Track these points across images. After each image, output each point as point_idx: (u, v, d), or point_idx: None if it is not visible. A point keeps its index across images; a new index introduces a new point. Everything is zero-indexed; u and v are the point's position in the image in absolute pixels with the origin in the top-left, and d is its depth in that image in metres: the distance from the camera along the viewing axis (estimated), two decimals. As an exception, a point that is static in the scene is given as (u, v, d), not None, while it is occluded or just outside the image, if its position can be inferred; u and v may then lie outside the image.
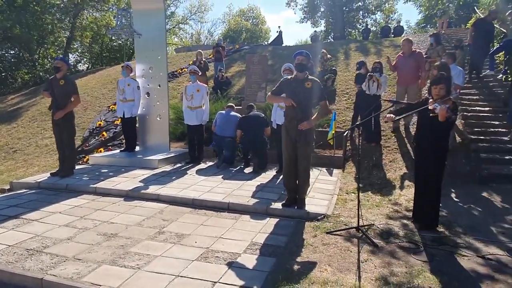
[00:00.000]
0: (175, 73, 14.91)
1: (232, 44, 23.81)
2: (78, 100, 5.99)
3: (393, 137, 7.61)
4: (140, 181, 5.73)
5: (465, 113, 7.69)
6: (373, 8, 27.51)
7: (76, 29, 25.28)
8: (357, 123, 7.65)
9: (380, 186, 5.89)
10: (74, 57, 29.82)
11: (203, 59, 11.37)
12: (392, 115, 4.17)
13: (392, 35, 19.04)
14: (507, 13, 8.65)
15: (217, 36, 44.89)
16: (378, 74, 7.27)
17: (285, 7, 42.83)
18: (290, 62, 5.88)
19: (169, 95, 8.11)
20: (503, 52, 8.74)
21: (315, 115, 4.49)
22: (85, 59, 29.84)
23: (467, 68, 9.44)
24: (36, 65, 24.77)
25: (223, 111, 7.28)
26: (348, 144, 7.78)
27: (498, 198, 5.20)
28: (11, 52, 23.65)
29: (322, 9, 28.02)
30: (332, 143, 7.49)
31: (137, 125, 7.93)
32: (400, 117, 4.61)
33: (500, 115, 7.37)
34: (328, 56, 11.37)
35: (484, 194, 5.35)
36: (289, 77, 4.64)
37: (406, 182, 5.85)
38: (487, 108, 7.78)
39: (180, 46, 26.32)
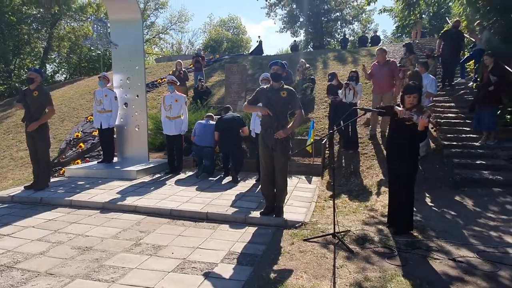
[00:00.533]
0: (155, 83, 14.85)
1: (213, 53, 23.93)
2: (52, 111, 5.89)
3: (370, 144, 7.77)
4: (117, 193, 5.65)
5: (438, 120, 7.94)
6: (351, 18, 28.22)
7: (53, 39, 24.88)
8: (333, 129, 7.82)
9: (358, 193, 5.99)
10: (51, 68, 29.32)
11: (183, 69, 11.37)
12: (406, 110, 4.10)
13: (370, 45, 19.54)
14: (475, 23, 9.02)
15: (197, 46, 45.03)
16: (354, 83, 7.45)
17: (266, 17, 43.28)
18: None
19: (147, 105, 8.05)
20: (473, 60, 9.10)
21: (291, 123, 4.56)
22: (63, 69, 29.32)
23: (439, 76, 9.77)
24: (11, 76, 24.22)
25: (202, 121, 7.28)
26: (326, 151, 7.89)
27: (470, 201, 5.36)
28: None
29: (301, 19, 28.52)
30: (310, 151, 7.59)
31: (114, 136, 7.84)
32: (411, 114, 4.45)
33: (471, 121, 7.62)
34: (307, 65, 11.55)
35: (457, 198, 5.51)
36: (265, 86, 4.71)
37: (383, 188, 5.97)
38: (459, 115, 8.05)
39: (160, 56, 26.19)
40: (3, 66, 23.52)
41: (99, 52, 30.06)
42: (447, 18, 13.35)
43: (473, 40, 9.15)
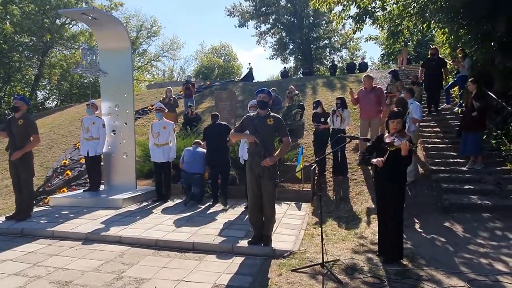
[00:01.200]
0: (146, 109, 14.87)
1: (204, 80, 24.18)
2: (37, 140, 5.81)
3: (359, 169, 7.77)
4: (101, 223, 5.51)
5: (425, 145, 8.01)
6: (339, 45, 28.98)
7: (44, 66, 24.98)
8: (320, 156, 7.84)
9: (347, 220, 5.92)
10: (42, 95, 29.30)
11: (172, 96, 11.41)
12: (380, 159, 4.12)
13: (358, 71, 19.95)
14: (458, 50, 9.29)
15: (188, 73, 45.56)
16: (341, 109, 7.53)
17: (256, 44, 44.20)
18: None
19: (136, 132, 8.00)
20: (457, 86, 9.31)
21: (278, 151, 4.54)
22: (53, 96, 29.32)
23: (424, 102, 9.96)
24: (1, 103, 24.10)
25: (190, 148, 7.25)
26: (316, 178, 7.86)
27: (460, 227, 5.33)
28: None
29: (291, 47, 29.18)
30: (300, 177, 7.55)
31: (102, 163, 7.74)
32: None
33: (458, 146, 7.70)
34: (296, 91, 11.70)
35: (447, 224, 5.48)
36: (251, 114, 4.72)
37: (372, 215, 5.91)
38: (446, 140, 8.14)
39: (152, 83, 26.39)
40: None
41: (91, 79, 30.25)
42: (430, 46, 13.76)
43: (457, 66, 9.40)
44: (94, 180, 7.53)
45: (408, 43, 17.17)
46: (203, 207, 6.69)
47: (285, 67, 24.92)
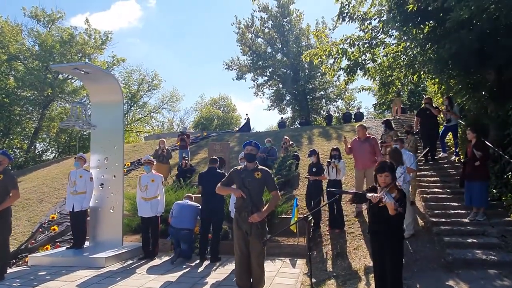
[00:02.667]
0: (141, 161, 14.75)
1: (202, 131, 24.34)
2: (17, 195, 5.59)
3: (357, 221, 7.44)
4: (78, 286, 5.10)
5: (424, 195, 7.74)
6: (335, 96, 29.62)
7: (44, 119, 25.30)
8: (316, 208, 7.54)
9: (345, 278, 5.51)
10: (41, 146, 29.39)
11: (166, 147, 11.34)
12: (376, 194, 3.89)
13: (354, 121, 20.15)
14: (443, 98, 9.36)
15: (184, 124, 46.18)
16: (336, 161, 7.38)
17: (254, 96, 45.27)
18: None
19: (129, 184, 7.77)
20: (451, 135, 9.26)
21: (266, 206, 4.31)
22: (52, 148, 29.38)
23: (420, 151, 9.85)
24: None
25: (180, 201, 6.99)
26: (311, 231, 7.50)
27: (466, 287, 4.92)
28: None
29: (287, 98, 29.79)
30: (295, 231, 7.22)
31: (88, 218, 7.43)
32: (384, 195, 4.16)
33: (458, 196, 7.45)
34: (291, 142, 11.63)
35: (451, 282, 5.06)
36: (238, 167, 4.54)
37: (371, 274, 5.50)
38: (445, 190, 7.89)
39: (151, 134, 26.58)
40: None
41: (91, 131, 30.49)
42: (423, 95, 13.96)
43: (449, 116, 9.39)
44: (78, 237, 7.19)
45: (401, 93, 17.51)
46: (192, 265, 6.29)
47: (282, 118, 25.29)
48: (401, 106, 17.44)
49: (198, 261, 6.48)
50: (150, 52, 67.94)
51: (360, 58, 8.93)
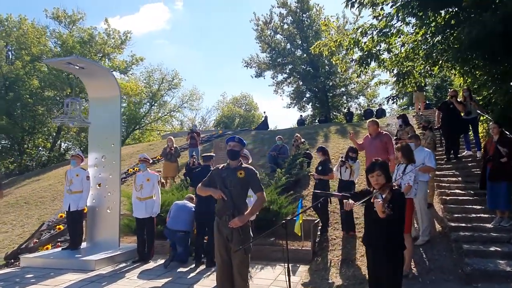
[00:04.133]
0: (154, 159, 14.60)
1: (217, 128, 24.08)
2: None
3: (367, 225, 6.83)
4: (59, 291, 4.83)
5: (443, 197, 7.05)
6: (356, 93, 28.62)
7: (66, 118, 25.76)
8: (324, 208, 7.02)
9: (347, 289, 4.97)
10: (65, 145, 30.09)
11: (174, 146, 11.06)
12: (351, 201, 3.46)
13: (375, 117, 19.28)
14: (462, 90, 8.59)
15: (211, 123, 46.22)
16: (352, 161, 6.83)
17: (274, 94, 44.70)
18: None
19: (120, 185, 7.49)
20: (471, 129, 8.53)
21: (250, 209, 3.84)
22: (75, 146, 30.00)
23: (442, 149, 9.09)
24: (23, 155, 24.73)
25: (179, 202, 6.64)
26: (318, 234, 6.97)
27: (486, 303, 4.29)
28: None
29: (307, 95, 29.07)
30: (300, 234, 6.71)
31: (86, 218, 7.22)
32: (359, 202, 3.75)
33: (482, 198, 6.71)
34: (302, 140, 11.08)
35: (469, 298, 4.45)
36: (220, 165, 4.11)
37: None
38: (467, 191, 7.15)
39: (168, 132, 26.62)
40: (15, 145, 24.13)
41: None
42: (450, 90, 13.02)
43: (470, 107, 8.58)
44: (74, 237, 6.96)
45: (425, 87, 16.52)
46: (185, 269, 5.92)
47: (301, 116, 24.62)
48: (425, 101, 16.45)
49: (194, 265, 6.11)
50: (178, 52, 68.77)
51: (374, 49, 8.27)
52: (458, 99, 8.60)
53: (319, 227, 7.12)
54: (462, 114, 9.43)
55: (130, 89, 27.58)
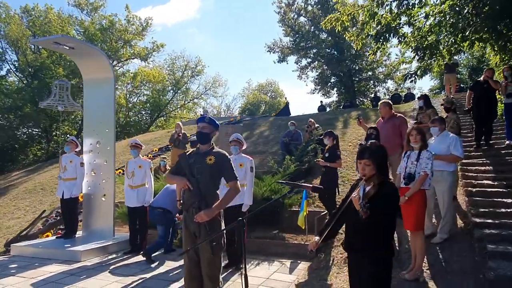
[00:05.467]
0: (169, 146, 14.34)
1: (244, 116, 23.51)
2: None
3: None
4: (32, 284, 4.52)
5: (469, 189, 6.19)
6: (383, 77, 27.08)
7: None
8: (331, 200, 6.37)
9: (346, 293, 4.35)
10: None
11: (182, 131, 10.64)
12: (315, 240, 2.81)
13: (403, 102, 18.07)
14: (504, 67, 7.52)
15: (236, 110, 45.82)
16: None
17: (298, 79, 43.46)
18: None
19: (115, 172, 7.15)
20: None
21: (219, 201, 3.28)
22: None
23: (471, 135, 8.12)
24: (49, 142, 25.36)
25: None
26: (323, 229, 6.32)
27: (510, 318, 3.55)
28: (24, 130, 24.45)
29: (332, 80, 27.88)
30: (303, 227, 6.14)
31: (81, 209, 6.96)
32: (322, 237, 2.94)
33: (514, 190, 5.82)
34: (316, 125, 10.36)
35: (490, 310, 3.72)
36: (190, 150, 3.57)
37: None
38: (498, 182, 6.24)
39: (188, 120, 26.42)
40: (43, 133, 24.75)
41: (137, 117, 31.20)
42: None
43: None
44: (69, 226, 6.74)
45: (459, 68, 15.11)
46: (176, 264, 5.47)
47: (321, 101, 23.62)
48: (457, 84, 15.09)
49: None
50: (207, 41, 68.60)
51: (393, 22, 7.37)
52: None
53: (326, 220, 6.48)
54: (498, 96, 8.39)
55: (153, 77, 27.55)
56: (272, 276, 4.89)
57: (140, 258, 5.78)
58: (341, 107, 24.38)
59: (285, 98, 34.30)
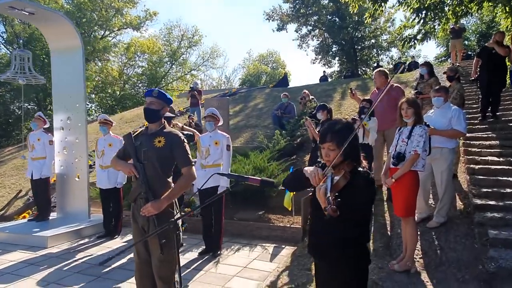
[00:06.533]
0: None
1: (239, 88, 22.79)
2: None
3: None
4: (-18, 277, 4.13)
5: (472, 166, 5.65)
6: (387, 45, 25.91)
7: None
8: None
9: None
10: (89, 106, 30.06)
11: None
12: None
13: (407, 71, 17.22)
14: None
15: (236, 82, 44.82)
16: (366, 117, 5.41)
17: (298, 48, 42.08)
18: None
19: (88, 150, 6.65)
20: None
21: (169, 191, 2.77)
22: (99, 109, 29.95)
23: (477, 105, 7.48)
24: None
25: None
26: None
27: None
28: (18, 105, 23.96)
29: (334, 48, 26.77)
30: (290, 208, 5.69)
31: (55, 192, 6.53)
32: None
33: (521, 168, 5.27)
34: (311, 97, 9.73)
35: (489, 308, 3.27)
36: (138, 129, 3.02)
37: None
38: (504, 158, 5.68)
39: (184, 92, 25.69)
40: (35, 107, 24.22)
41: (133, 90, 30.48)
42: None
43: None
44: (40, 208, 6.33)
45: (465, 34, 14.16)
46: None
47: (324, 72, 22.72)
48: (464, 50, 14.19)
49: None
50: (205, 8, 66.21)
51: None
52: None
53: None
54: (508, 64, 7.68)
55: (147, 47, 26.57)
56: (251, 265, 4.46)
57: (113, 243, 5.38)
58: (343, 77, 23.53)
59: (283, 68, 33.25)
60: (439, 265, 3.92)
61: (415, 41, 6.74)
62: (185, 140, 2.87)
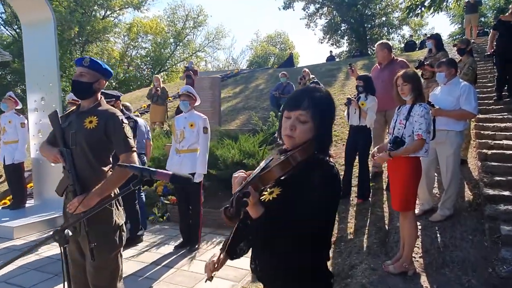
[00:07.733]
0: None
1: (243, 69, 22.06)
2: None
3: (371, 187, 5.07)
4: None
5: (484, 151, 5.03)
6: (398, 22, 24.70)
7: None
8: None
9: None
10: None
11: (161, 86, 9.54)
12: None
13: (418, 50, 16.31)
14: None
15: (244, 64, 43.88)
16: (362, 97, 4.80)
17: (306, 28, 40.84)
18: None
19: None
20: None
21: (101, 183, 2.25)
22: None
23: (491, 84, 6.76)
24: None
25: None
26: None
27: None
28: (22, 87, 23.75)
29: (343, 27, 25.69)
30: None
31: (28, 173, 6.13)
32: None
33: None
34: (311, 76, 9.08)
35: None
36: (69, 109, 2.51)
37: (364, 279, 3.33)
38: (521, 142, 5.04)
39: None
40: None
41: (138, 72, 30.01)
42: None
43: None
44: (15, 194, 5.95)
45: (481, 8, 13.14)
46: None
47: (331, 51, 21.83)
48: (480, 26, 13.22)
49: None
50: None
51: None
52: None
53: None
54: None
55: (150, 28, 25.88)
56: (229, 261, 3.97)
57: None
58: (351, 57, 22.61)
59: (289, 48, 32.32)
60: (442, 266, 3.37)
61: (422, 8, 6.00)
62: (124, 121, 2.33)
